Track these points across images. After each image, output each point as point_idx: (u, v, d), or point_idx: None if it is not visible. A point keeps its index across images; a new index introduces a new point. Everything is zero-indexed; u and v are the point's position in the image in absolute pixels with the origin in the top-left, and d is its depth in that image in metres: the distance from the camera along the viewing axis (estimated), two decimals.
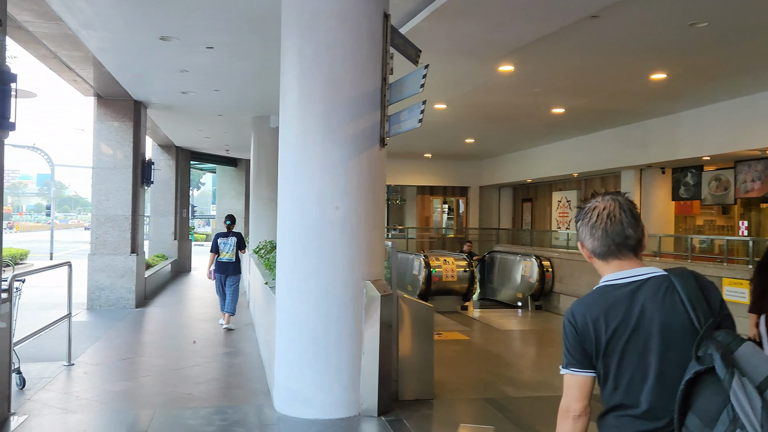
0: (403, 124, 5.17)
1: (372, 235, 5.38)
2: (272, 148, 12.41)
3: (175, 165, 18.64)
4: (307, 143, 5.27)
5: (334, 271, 5.20)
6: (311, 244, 5.21)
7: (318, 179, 5.22)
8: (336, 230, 5.19)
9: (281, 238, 5.51)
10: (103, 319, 10.15)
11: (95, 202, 11.18)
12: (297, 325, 5.28)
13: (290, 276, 5.35)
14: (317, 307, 5.20)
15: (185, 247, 19.53)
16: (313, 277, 5.21)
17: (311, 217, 5.22)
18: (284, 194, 5.48)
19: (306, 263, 5.23)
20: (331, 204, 5.19)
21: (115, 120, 11.19)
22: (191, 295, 13.83)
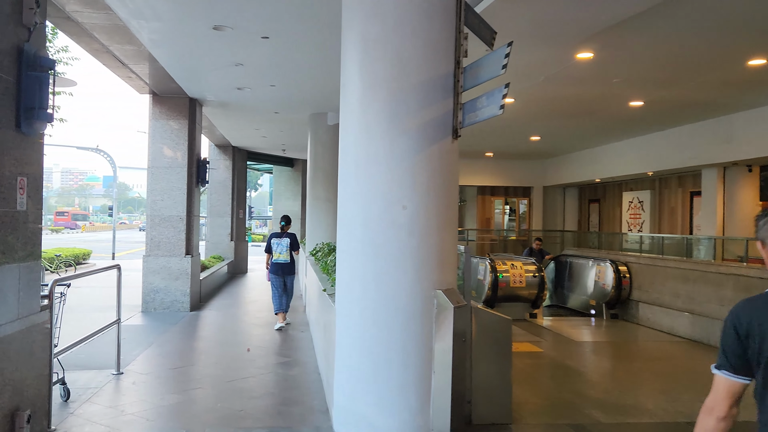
0: (481, 111, 4.51)
1: (443, 238, 4.75)
2: (329, 146, 11.95)
3: (232, 165, 18.44)
4: (371, 135, 4.68)
5: (401, 279, 4.60)
6: (375, 248, 4.62)
7: (383, 175, 4.62)
8: (403, 232, 4.58)
9: (341, 241, 4.94)
10: (157, 322, 9.85)
11: (150, 202, 10.92)
12: (358, 338, 4.69)
13: (351, 283, 4.77)
14: (381, 318, 4.60)
15: (242, 249, 19.34)
16: (376, 284, 4.62)
17: (375, 217, 4.63)
18: (345, 192, 4.91)
19: (369, 269, 4.64)
20: (397, 203, 4.59)
21: (170, 118, 10.92)
22: (247, 297, 13.49)
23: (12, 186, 4.05)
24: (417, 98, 4.65)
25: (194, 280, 11.26)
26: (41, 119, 4.20)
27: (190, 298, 10.96)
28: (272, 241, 9.75)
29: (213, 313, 10.94)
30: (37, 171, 4.42)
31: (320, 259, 9.51)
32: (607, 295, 10.99)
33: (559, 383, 6.68)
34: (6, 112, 3.98)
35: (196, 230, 11.47)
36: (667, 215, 16.54)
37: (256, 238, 47.08)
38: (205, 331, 9.39)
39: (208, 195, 18.49)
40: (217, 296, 13.31)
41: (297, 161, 21.89)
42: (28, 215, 4.29)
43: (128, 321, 9.93)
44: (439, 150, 4.72)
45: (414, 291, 4.61)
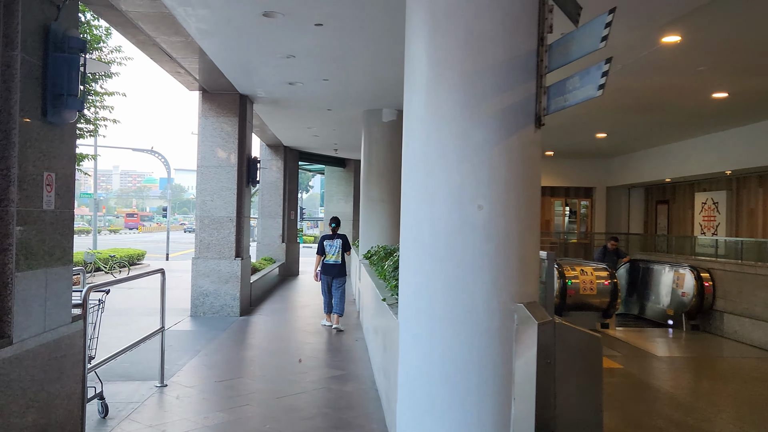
0: (572, 94, 3.82)
1: (524, 243, 4.07)
2: (384, 144, 11.38)
3: (283, 165, 18.08)
4: (440, 124, 4.04)
5: (476, 290, 3.94)
6: (446, 255, 3.98)
7: (454, 171, 3.98)
8: (478, 236, 3.93)
9: (405, 246, 4.32)
10: (205, 328, 9.44)
11: (199, 202, 10.56)
12: (426, 358, 4.06)
13: (417, 294, 4.14)
14: (453, 336, 3.96)
15: (293, 250, 18.96)
16: (447, 296, 3.97)
17: (446, 219, 3.99)
18: (409, 190, 4.29)
19: (438, 278, 4.00)
20: (471, 202, 3.94)
21: (219, 115, 10.53)
22: (298, 301, 13.03)
23: (37, 182, 3.58)
24: (494, 81, 3.99)
25: (244, 283, 10.84)
26: (71, 107, 3.73)
27: (240, 303, 10.54)
28: (324, 243, 9.86)
29: (263, 319, 10.49)
30: (68, 166, 3.96)
31: (375, 263, 8.92)
32: (686, 304, 10.05)
33: (649, 407, 5.90)
34: (30, 98, 3.52)
35: (247, 232, 11.06)
36: (745, 217, 15.33)
37: (308, 239, 47.01)
38: (254, 338, 8.92)
39: (260, 196, 18.19)
40: (267, 300, 12.90)
41: (349, 161, 21.42)
42: (57, 216, 3.82)
43: (176, 326, 9.56)
44: (520, 141, 4.05)
45: (491, 304, 3.95)
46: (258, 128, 14.68)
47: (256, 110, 12.04)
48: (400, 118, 11.59)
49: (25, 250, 3.47)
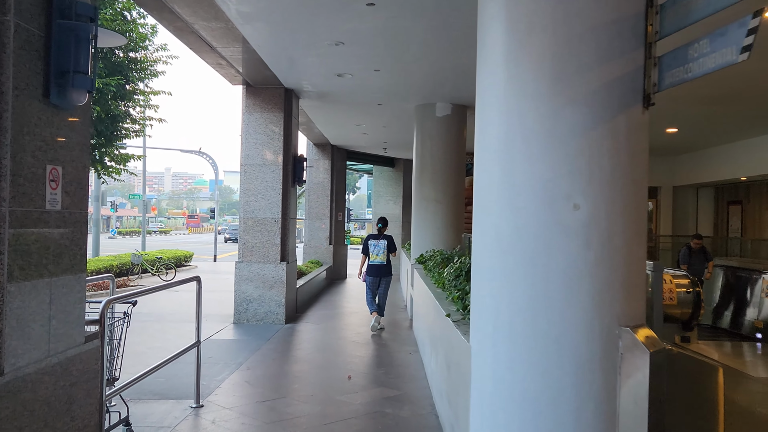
0: (699, 63, 2.99)
1: (631, 252, 3.26)
2: (438, 140, 10.62)
3: (331, 165, 17.49)
4: (525, 103, 3.27)
5: (571, 310, 3.15)
6: (531, 266, 3.20)
7: (544, 160, 3.20)
8: (574, 242, 3.14)
9: (479, 253, 3.56)
10: (249, 337, 8.85)
11: (243, 203, 9.99)
12: (506, 392, 3.29)
13: (494, 314, 3.36)
14: (540, 367, 3.18)
15: (341, 253, 18.35)
16: (533, 317, 3.20)
17: (532, 221, 3.21)
18: (485, 187, 3.53)
19: (521, 296, 3.23)
20: (566, 200, 3.16)
21: (264, 111, 9.94)
22: (346, 308, 12.36)
23: (37, 178, 2.97)
24: (593, 48, 3.19)
25: (290, 288, 10.23)
26: (79, 87, 3.10)
27: (286, 309, 9.93)
28: (369, 243, 9.84)
29: (310, 327, 9.85)
30: (79, 159, 3.34)
31: (431, 270, 8.16)
32: None
33: None
34: (28, 75, 2.90)
35: (292, 234, 10.45)
36: None
37: (355, 240, 46.56)
38: (300, 349, 8.27)
39: (306, 196, 17.65)
40: (314, 306, 12.27)
41: (398, 161, 20.71)
42: (65, 217, 3.20)
43: (218, 335, 9.00)
44: (626, 123, 3.24)
45: (591, 327, 3.15)
46: (304, 126, 14.10)
47: (302, 106, 11.44)
48: (455, 112, 10.81)
49: (22, 258, 2.86)
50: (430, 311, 6.43)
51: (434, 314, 5.91)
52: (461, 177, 10.96)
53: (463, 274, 5.86)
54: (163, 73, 16.07)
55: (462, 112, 10.90)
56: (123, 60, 14.91)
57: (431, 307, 6.29)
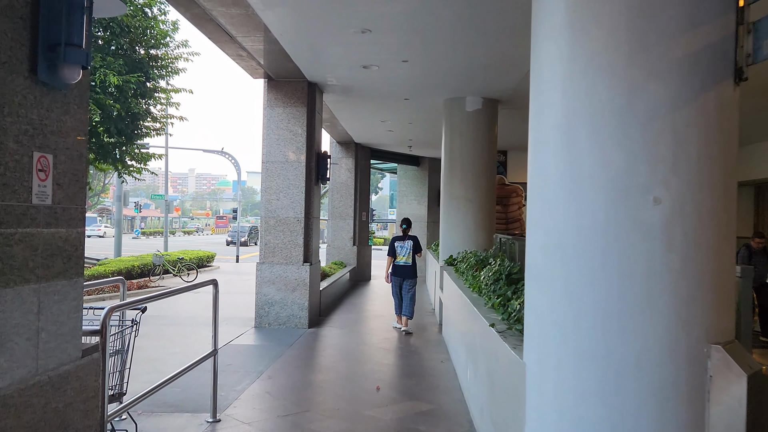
0: None
1: (722, 255, 2.74)
2: (468, 136, 10.11)
3: (354, 164, 17.04)
4: (592, 77, 2.76)
5: (649, 324, 2.64)
6: (601, 270, 2.70)
7: (616, 146, 2.69)
8: (654, 244, 2.63)
9: (535, 257, 3.06)
10: (271, 342, 8.43)
11: (264, 202, 9.57)
12: (573, 421, 2.78)
13: (558, 328, 2.85)
14: (613, 391, 2.67)
15: (365, 254, 17.88)
16: (603, 332, 2.69)
17: (601, 218, 2.71)
18: (540, 178, 3.03)
19: (588, 306, 2.72)
20: (643, 193, 2.65)
21: (286, 105, 9.52)
22: (371, 311, 11.89)
23: (22, 166, 2.54)
24: (674, 16, 2.68)
25: (313, 291, 9.79)
26: (72, 62, 2.66)
27: (309, 313, 9.49)
28: (395, 244, 9.74)
29: (334, 332, 9.39)
30: (75, 147, 2.91)
31: (464, 273, 7.66)
32: None
33: None
34: (11, 48, 2.47)
35: (316, 234, 10.01)
36: None
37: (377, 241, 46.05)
38: (324, 356, 7.81)
39: (330, 196, 17.23)
40: (338, 309, 11.82)
41: (423, 159, 20.20)
42: (56, 213, 2.78)
43: (239, 339, 8.59)
44: (715, 102, 2.72)
45: (675, 346, 2.63)
46: (328, 123, 13.67)
47: (325, 102, 11.00)
48: (486, 107, 10.28)
49: (2, 261, 2.43)
50: (465, 318, 5.93)
51: (471, 321, 5.41)
52: (492, 174, 10.43)
53: (503, 278, 5.36)
54: (184, 71, 15.76)
55: (493, 107, 10.37)
56: (144, 57, 14.62)
57: (466, 313, 5.79)
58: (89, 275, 16.17)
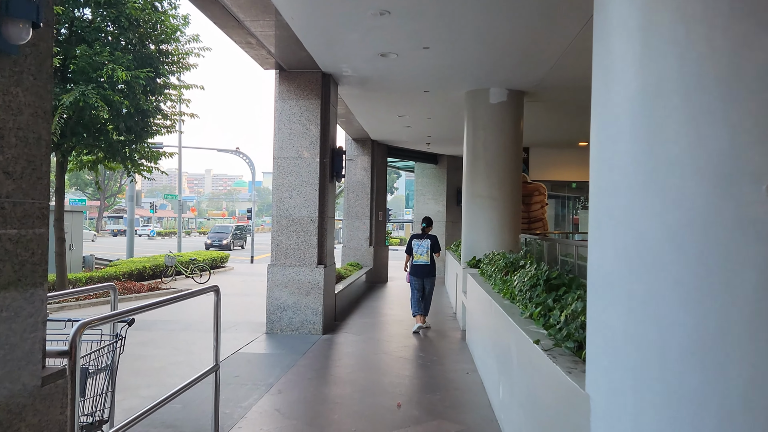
0: None
1: None
2: (492, 129, 9.49)
3: (371, 162, 16.47)
4: (685, 29, 2.15)
5: (763, 351, 2.03)
6: (698, 286, 2.07)
7: (716, 121, 2.07)
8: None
9: (602, 266, 2.45)
10: (282, 350, 7.87)
11: (276, 200, 9.02)
12: None
13: (638, 358, 2.22)
14: (713, 427, 2.06)
15: (381, 254, 17.30)
16: (704, 368, 2.06)
17: (696, 216, 2.08)
18: (610, 162, 2.42)
19: (685, 333, 2.10)
20: (753, 181, 2.03)
21: (299, 98, 8.96)
22: (389, 315, 11.31)
23: None
24: None
25: (328, 295, 9.22)
26: (16, 15, 2.10)
27: (323, 318, 8.93)
28: (413, 243, 9.62)
29: (350, 338, 8.81)
30: (30, 127, 2.34)
31: (491, 276, 7.04)
32: None
33: None
34: None
35: (331, 234, 9.44)
36: None
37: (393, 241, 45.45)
38: (340, 366, 7.24)
39: (345, 195, 16.67)
40: (354, 313, 11.25)
41: (442, 157, 19.59)
42: (4, 209, 2.22)
43: (248, 347, 8.05)
44: None
45: None
46: (343, 119, 13.11)
47: (341, 95, 10.44)
48: (511, 99, 9.65)
49: None
50: (496, 328, 5.32)
51: (504, 332, 4.80)
52: (518, 171, 9.81)
53: (541, 284, 4.74)
54: (195, 66, 15.28)
55: (518, 99, 9.74)
56: (153, 52, 14.15)
57: (498, 322, 5.18)
58: (99, 277, 15.75)
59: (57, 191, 14.13)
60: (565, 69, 8.48)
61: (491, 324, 5.78)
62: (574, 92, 9.86)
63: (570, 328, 3.34)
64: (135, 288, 14.83)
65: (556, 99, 10.39)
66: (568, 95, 10.12)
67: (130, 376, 6.53)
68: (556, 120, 12.47)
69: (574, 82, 9.26)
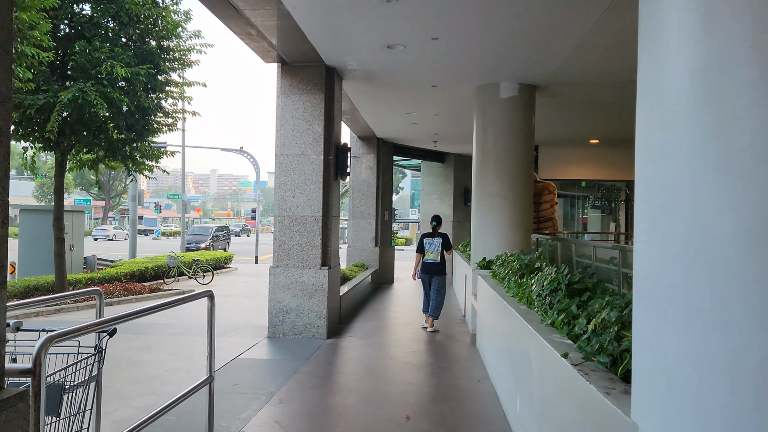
0: None
1: None
2: (503, 125, 9.13)
3: (377, 160, 16.11)
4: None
5: None
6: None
7: None
8: None
9: (653, 269, 2.08)
10: (285, 356, 7.52)
11: (278, 199, 8.68)
12: None
13: (697, 379, 1.87)
14: None
15: (387, 255, 16.94)
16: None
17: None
18: (662, 149, 2.06)
19: (760, 343, 1.75)
20: None
21: (302, 92, 8.62)
22: (396, 318, 10.95)
23: None
24: None
25: (332, 297, 8.87)
26: None
27: (327, 321, 8.58)
28: (424, 241, 9.67)
29: (355, 343, 8.46)
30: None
31: (506, 279, 6.67)
32: None
33: None
34: None
35: (335, 235, 9.09)
36: None
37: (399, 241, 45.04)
38: (344, 373, 6.89)
39: (350, 194, 16.33)
40: (359, 316, 10.89)
41: (449, 156, 19.23)
42: None
43: (249, 352, 7.71)
44: None
45: None
46: (348, 116, 12.76)
47: (346, 90, 10.09)
48: (522, 93, 9.28)
49: None
50: (513, 334, 4.96)
51: (521, 339, 4.44)
52: (529, 169, 9.44)
53: (562, 288, 4.38)
54: (197, 63, 14.96)
55: (530, 93, 9.38)
56: (154, 48, 13.84)
57: (514, 328, 4.82)
58: (100, 278, 15.45)
59: (56, 191, 13.81)
60: (578, 63, 8.12)
61: (506, 329, 5.42)
62: (588, 87, 9.49)
63: (602, 340, 2.98)
64: (136, 289, 14.52)
65: (568, 94, 10.02)
66: (582, 91, 9.75)
67: (123, 384, 6.20)
68: (567, 117, 12.10)
69: (587, 77, 8.90)
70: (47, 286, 13.33)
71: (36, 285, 13.14)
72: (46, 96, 11.89)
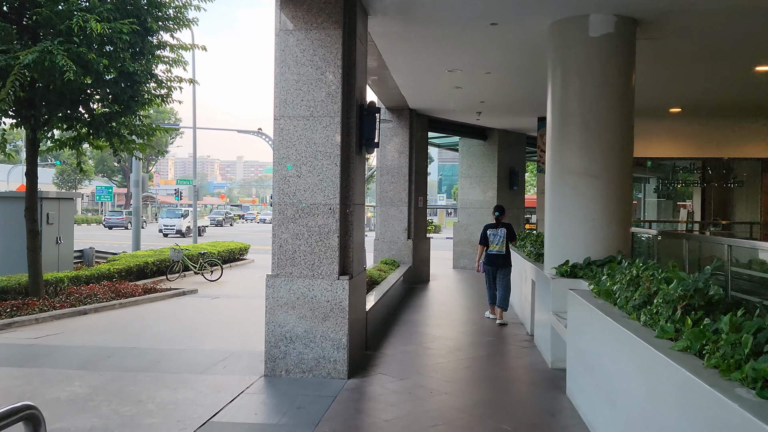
0: None
1: None
2: (592, 75, 6.64)
3: (409, 136, 13.47)
4: None
5: None
6: None
7: None
8: None
9: None
10: (282, 418, 4.99)
11: (277, 180, 6.12)
12: None
13: None
14: None
15: (422, 248, 14.28)
16: None
17: None
18: None
19: None
20: None
21: (311, 28, 6.04)
22: (439, 338, 8.36)
23: None
24: None
25: (355, 317, 6.34)
26: None
27: (349, 353, 6.04)
28: (488, 232, 9.35)
29: (389, 387, 5.88)
30: None
31: (619, 296, 4.02)
32: None
33: None
34: None
35: (359, 229, 6.53)
36: None
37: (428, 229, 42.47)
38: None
39: (378, 176, 13.73)
40: (391, 334, 8.32)
41: (492, 132, 16.54)
42: None
43: (232, 408, 5.19)
44: None
45: None
46: (375, 77, 10.14)
47: (372, 34, 7.48)
48: (621, 30, 6.47)
49: None
50: (690, 416, 2.36)
51: (697, 415, 1.85)
52: (630, 137, 6.80)
53: None
54: (194, 22, 12.48)
55: (630, 30, 6.71)
56: (139, 1, 11.35)
57: (696, 408, 2.22)
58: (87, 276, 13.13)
59: (27, 174, 11.51)
60: None
61: (664, 400, 2.82)
62: (718, 18, 6.77)
63: None
64: (127, 291, 12.16)
65: (681, 33, 7.30)
66: (706, 25, 7.04)
67: None
68: (661, 72, 9.31)
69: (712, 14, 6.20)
70: (18, 288, 11.08)
71: (5, 287, 10.89)
72: (6, 58, 9.51)
